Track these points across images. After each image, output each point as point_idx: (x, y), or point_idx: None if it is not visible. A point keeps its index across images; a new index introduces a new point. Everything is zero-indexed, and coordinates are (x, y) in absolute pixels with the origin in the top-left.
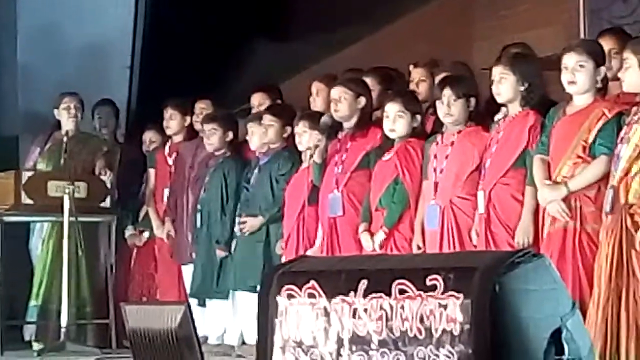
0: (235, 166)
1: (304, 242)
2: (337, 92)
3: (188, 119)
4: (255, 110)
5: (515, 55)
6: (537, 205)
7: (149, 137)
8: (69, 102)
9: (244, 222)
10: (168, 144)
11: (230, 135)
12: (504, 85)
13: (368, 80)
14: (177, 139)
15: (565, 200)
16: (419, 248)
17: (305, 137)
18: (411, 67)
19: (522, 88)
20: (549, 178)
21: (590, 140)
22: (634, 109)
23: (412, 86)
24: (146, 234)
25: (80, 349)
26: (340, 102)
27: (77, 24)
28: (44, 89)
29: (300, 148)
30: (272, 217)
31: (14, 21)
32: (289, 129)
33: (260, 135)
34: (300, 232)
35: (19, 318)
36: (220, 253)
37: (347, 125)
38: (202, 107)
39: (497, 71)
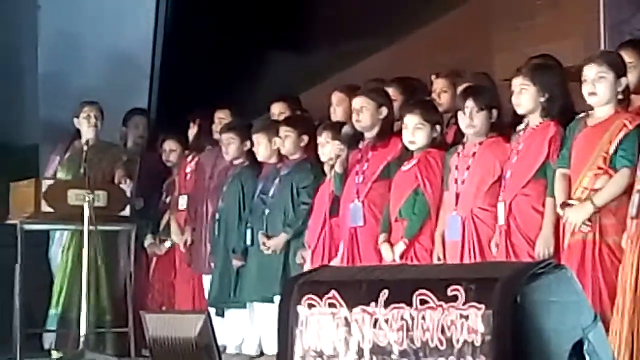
0: (253, 175)
1: (329, 254)
2: (359, 102)
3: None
4: (276, 119)
5: (535, 66)
6: (558, 216)
7: (169, 146)
8: (89, 111)
9: (266, 243)
10: (192, 154)
11: (248, 144)
12: (524, 96)
13: (390, 90)
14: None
15: None
16: (439, 259)
17: (328, 147)
18: (433, 77)
19: (542, 99)
20: (570, 192)
21: (611, 152)
22: None
23: (434, 96)
24: (167, 243)
25: (99, 357)
26: (362, 112)
27: (97, 33)
28: (65, 98)
29: (322, 159)
30: (296, 232)
31: (35, 30)
32: (305, 138)
33: (266, 146)
34: (324, 243)
35: (38, 326)
36: (236, 262)
37: (368, 135)
38: (221, 117)
39: (518, 82)
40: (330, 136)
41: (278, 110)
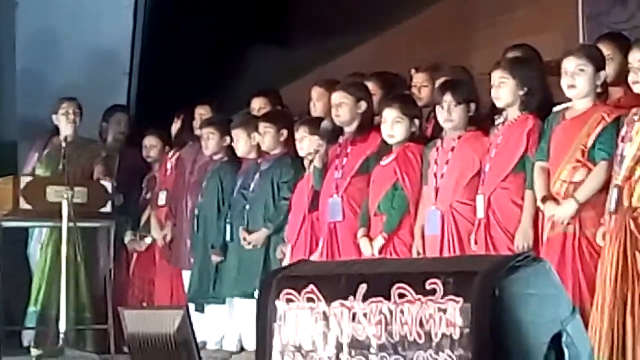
0: (232, 171)
1: (310, 249)
2: (337, 97)
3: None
4: (256, 113)
5: (514, 60)
6: (537, 209)
7: (149, 142)
8: (68, 108)
9: (247, 238)
10: (174, 149)
11: (228, 139)
12: (503, 89)
13: (370, 84)
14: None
15: None
16: (418, 253)
17: (306, 142)
18: (413, 71)
19: (521, 92)
20: (549, 186)
21: (589, 145)
22: (634, 109)
23: (414, 90)
24: (148, 240)
25: (79, 355)
26: (341, 107)
27: (76, 29)
28: (43, 94)
29: (301, 154)
30: (277, 227)
31: (13, 27)
32: (285, 133)
33: (246, 141)
34: (305, 238)
35: (17, 323)
36: (215, 258)
37: (347, 129)
38: (202, 113)
39: (497, 75)
40: (307, 131)
41: (258, 105)
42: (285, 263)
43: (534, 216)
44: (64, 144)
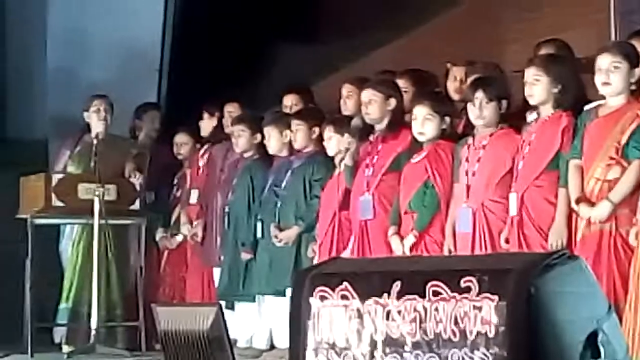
0: (263, 168)
1: (337, 248)
2: (367, 94)
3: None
4: (287, 110)
5: (548, 57)
6: (570, 207)
7: (181, 139)
8: (99, 105)
9: (278, 235)
10: (205, 147)
11: (259, 137)
12: (537, 87)
13: (401, 82)
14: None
15: None
16: (449, 252)
17: (333, 142)
18: (448, 65)
19: (555, 90)
20: (583, 185)
21: (623, 142)
22: None
23: (453, 85)
24: (179, 237)
25: (110, 352)
26: (371, 105)
27: (107, 27)
28: (74, 92)
29: (329, 153)
30: (308, 225)
31: (44, 24)
32: (317, 130)
33: (277, 139)
34: (333, 237)
35: (49, 320)
36: (245, 255)
37: (378, 127)
38: (230, 111)
39: (531, 73)
40: (333, 130)
41: (290, 101)
42: (315, 261)
43: (567, 214)
44: (95, 142)
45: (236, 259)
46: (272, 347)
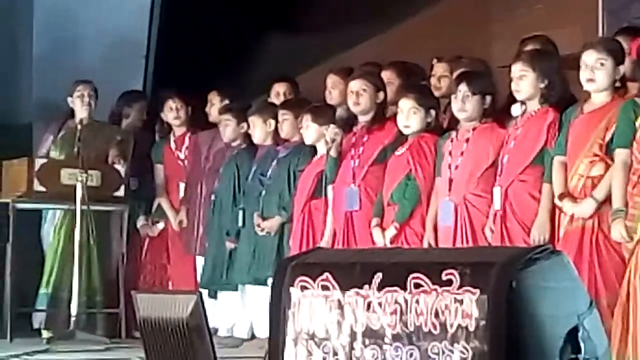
0: (249, 158)
1: (307, 238)
2: (357, 84)
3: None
4: (276, 99)
5: (535, 52)
6: (554, 203)
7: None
8: (83, 90)
9: (261, 224)
10: (172, 138)
11: (245, 126)
12: (524, 82)
13: (387, 73)
14: (180, 130)
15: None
16: (429, 245)
17: (310, 130)
18: (434, 61)
19: (542, 85)
20: (567, 182)
21: (607, 139)
22: None
23: (433, 80)
24: (160, 225)
25: (90, 338)
26: (362, 95)
27: (93, 12)
28: (59, 77)
29: (306, 142)
30: (291, 215)
31: (31, 9)
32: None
33: (262, 128)
34: (303, 227)
35: (29, 305)
36: (229, 244)
37: (363, 119)
38: (213, 99)
39: (517, 68)
40: (310, 119)
41: (281, 89)
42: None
43: (551, 210)
44: (79, 127)
45: (221, 248)
46: (253, 337)
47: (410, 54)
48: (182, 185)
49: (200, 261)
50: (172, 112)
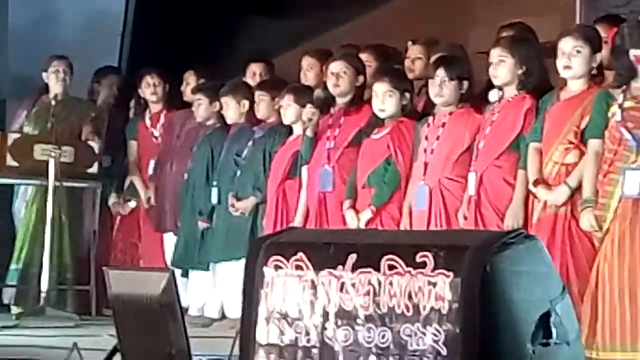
0: (223, 137)
1: (281, 218)
2: (338, 66)
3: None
4: (251, 79)
5: (514, 38)
6: (528, 189)
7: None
8: (58, 66)
9: (235, 205)
10: (148, 115)
11: (217, 105)
12: (502, 68)
13: (364, 56)
14: (156, 107)
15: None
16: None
17: (290, 110)
18: (409, 43)
19: (520, 71)
20: (541, 168)
21: (582, 127)
22: None
23: (407, 63)
24: (132, 203)
25: (60, 315)
26: (342, 78)
27: None
28: (34, 52)
29: (285, 122)
30: (265, 196)
31: None
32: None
33: (235, 108)
34: (278, 207)
35: None
36: (202, 224)
37: (340, 101)
38: (189, 78)
39: (496, 53)
40: (292, 99)
41: (259, 70)
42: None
43: (525, 196)
44: (53, 103)
45: (193, 227)
46: (224, 317)
47: (389, 38)
48: (152, 163)
49: (169, 239)
50: (150, 87)
